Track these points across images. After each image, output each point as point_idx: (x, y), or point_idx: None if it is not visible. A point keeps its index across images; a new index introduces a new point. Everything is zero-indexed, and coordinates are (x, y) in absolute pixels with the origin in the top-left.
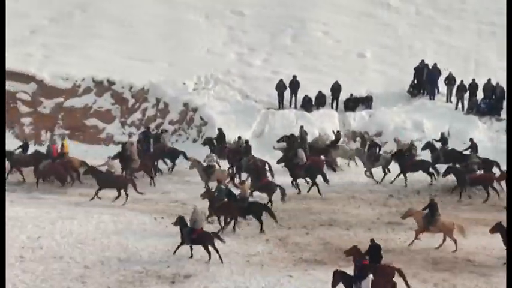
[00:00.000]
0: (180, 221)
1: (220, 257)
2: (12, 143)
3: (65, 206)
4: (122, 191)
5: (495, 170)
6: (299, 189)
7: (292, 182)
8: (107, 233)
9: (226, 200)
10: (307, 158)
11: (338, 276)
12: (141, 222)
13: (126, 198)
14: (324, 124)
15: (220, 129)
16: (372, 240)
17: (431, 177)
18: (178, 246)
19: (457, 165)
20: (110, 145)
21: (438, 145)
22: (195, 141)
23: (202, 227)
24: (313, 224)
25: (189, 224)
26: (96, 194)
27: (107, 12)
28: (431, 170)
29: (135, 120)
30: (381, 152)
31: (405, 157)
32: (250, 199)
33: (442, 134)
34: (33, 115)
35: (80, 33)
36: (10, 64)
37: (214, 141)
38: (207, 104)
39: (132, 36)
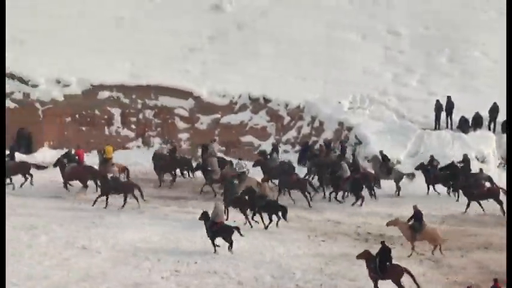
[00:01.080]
0: (204, 216)
1: (230, 248)
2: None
3: None
4: (129, 197)
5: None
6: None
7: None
8: (260, 249)
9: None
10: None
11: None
12: (295, 239)
13: (137, 200)
14: (480, 146)
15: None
16: (383, 242)
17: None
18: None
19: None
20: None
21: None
22: None
23: (223, 221)
24: (469, 246)
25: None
26: (105, 199)
27: (264, 30)
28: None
29: (290, 138)
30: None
31: None
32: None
33: (465, 156)
34: (190, 131)
35: (237, 51)
36: (169, 81)
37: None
38: (362, 123)
39: (288, 54)
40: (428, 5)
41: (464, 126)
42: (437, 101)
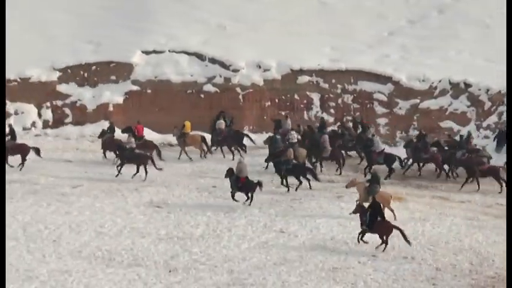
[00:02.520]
0: (229, 172)
1: (250, 202)
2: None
3: (420, 206)
4: (142, 168)
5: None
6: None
7: None
8: (459, 236)
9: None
10: None
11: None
12: (494, 226)
13: (146, 174)
14: None
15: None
16: (373, 198)
17: None
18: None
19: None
20: None
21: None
22: None
23: (247, 176)
24: None
25: (235, 173)
26: (119, 169)
27: (465, 13)
28: None
29: (490, 124)
30: None
31: None
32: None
33: (469, 133)
34: (388, 116)
35: (437, 35)
36: (368, 65)
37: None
38: None
39: (490, 38)
40: None
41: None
42: None
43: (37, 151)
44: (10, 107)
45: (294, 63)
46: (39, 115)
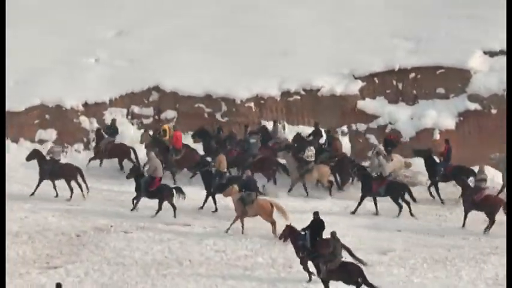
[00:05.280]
0: (133, 171)
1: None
2: None
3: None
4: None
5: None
6: None
7: None
8: None
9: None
10: None
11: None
12: None
13: (82, 190)
14: None
15: None
16: (315, 214)
17: None
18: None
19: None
20: None
21: None
22: None
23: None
24: None
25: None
26: (37, 186)
27: None
28: None
29: None
30: None
31: None
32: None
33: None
34: None
35: None
36: None
37: None
38: None
39: None
40: None
41: None
42: None
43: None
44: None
45: None
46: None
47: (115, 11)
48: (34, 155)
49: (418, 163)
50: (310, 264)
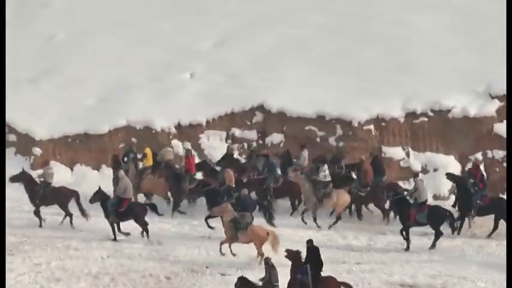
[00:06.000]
0: (99, 194)
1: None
2: None
3: None
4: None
5: None
6: None
7: None
8: None
9: None
10: None
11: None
12: None
13: (70, 218)
14: None
15: None
16: (310, 242)
17: None
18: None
19: None
20: None
21: None
22: None
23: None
24: None
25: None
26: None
27: None
28: None
29: None
30: None
31: None
32: None
33: None
34: None
35: None
36: None
37: None
38: None
39: None
40: None
41: None
42: None
43: None
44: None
45: None
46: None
47: (214, 18)
48: (20, 177)
49: None
50: None
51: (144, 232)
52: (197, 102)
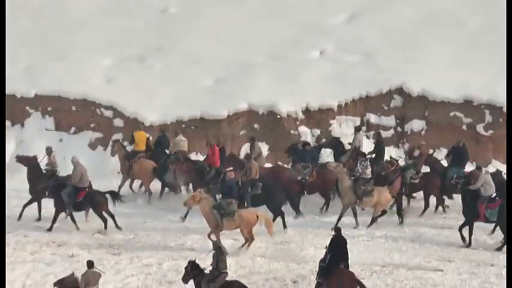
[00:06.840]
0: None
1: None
2: None
3: None
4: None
5: None
6: None
7: None
8: None
9: None
10: None
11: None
12: None
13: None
14: None
15: None
16: (338, 230)
17: None
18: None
19: None
20: None
21: None
22: None
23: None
24: None
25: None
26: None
27: None
28: None
29: None
30: None
31: None
32: None
33: None
34: None
35: None
36: None
37: None
38: None
39: None
40: None
41: None
42: None
43: None
44: None
45: None
46: None
47: None
48: (25, 160)
49: None
50: None
51: (114, 221)
52: (327, 84)
